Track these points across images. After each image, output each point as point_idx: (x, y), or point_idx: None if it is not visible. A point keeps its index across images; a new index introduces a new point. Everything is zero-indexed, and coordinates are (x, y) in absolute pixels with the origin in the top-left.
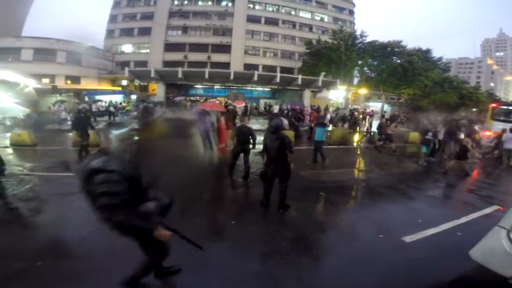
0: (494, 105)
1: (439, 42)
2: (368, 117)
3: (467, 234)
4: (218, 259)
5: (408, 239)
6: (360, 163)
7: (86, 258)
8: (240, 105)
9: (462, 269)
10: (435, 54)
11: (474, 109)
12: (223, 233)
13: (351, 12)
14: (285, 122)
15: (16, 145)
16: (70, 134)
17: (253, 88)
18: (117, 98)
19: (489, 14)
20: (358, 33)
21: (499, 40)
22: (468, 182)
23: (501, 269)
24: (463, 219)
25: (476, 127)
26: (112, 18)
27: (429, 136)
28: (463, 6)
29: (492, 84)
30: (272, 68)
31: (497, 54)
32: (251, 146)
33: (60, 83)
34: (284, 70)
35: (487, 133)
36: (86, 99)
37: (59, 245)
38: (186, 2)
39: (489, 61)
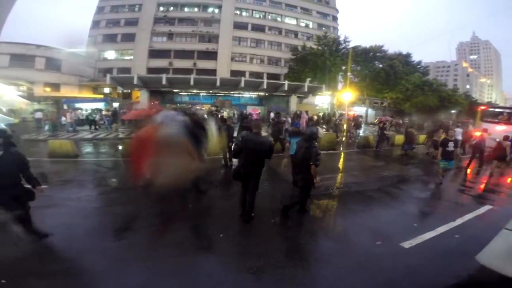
0: (483, 107)
1: (418, 46)
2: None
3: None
4: (209, 274)
5: (406, 244)
6: (350, 168)
7: (56, 275)
8: (255, 112)
9: (466, 273)
10: (414, 58)
11: (453, 111)
12: (211, 247)
13: (335, 18)
14: (321, 131)
15: None
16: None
17: (240, 95)
18: (98, 106)
19: (462, 18)
20: (341, 38)
21: (472, 44)
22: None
23: None
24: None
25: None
26: (95, 24)
27: (451, 147)
28: (438, 11)
29: (468, 86)
30: (259, 75)
31: (471, 57)
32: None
33: (39, 90)
34: (270, 76)
35: (477, 133)
36: (65, 107)
37: (28, 262)
38: (171, 8)
39: (464, 64)
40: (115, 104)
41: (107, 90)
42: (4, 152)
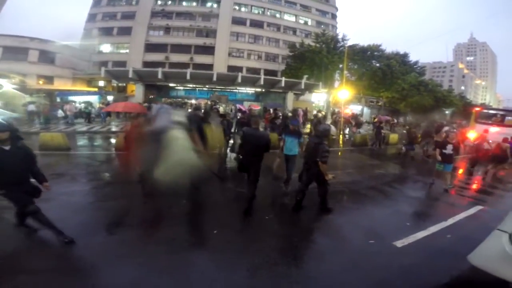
0: (477, 109)
1: (416, 46)
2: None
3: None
4: (202, 271)
5: (399, 243)
6: (345, 166)
7: (47, 271)
8: (256, 108)
9: (458, 273)
10: (411, 58)
11: (447, 112)
12: (205, 244)
13: (334, 16)
14: (333, 129)
15: None
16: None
17: (236, 91)
18: (92, 99)
19: (462, 19)
20: (340, 36)
21: (470, 45)
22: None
23: (504, 274)
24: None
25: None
26: (91, 17)
27: (449, 150)
28: (438, 12)
29: (463, 88)
30: (256, 71)
31: (468, 58)
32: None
33: (32, 83)
34: (268, 72)
35: (471, 134)
36: (58, 99)
37: (18, 258)
38: (169, 2)
39: (461, 65)
40: (110, 98)
41: (101, 83)
42: (12, 147)
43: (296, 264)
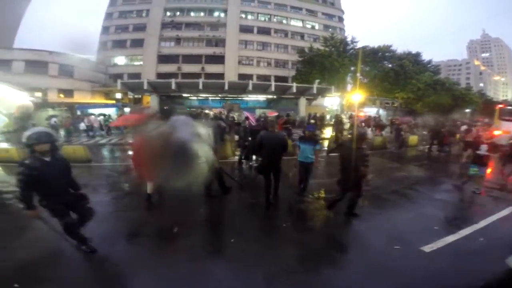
0: (501, 105)
1: (426, 46)
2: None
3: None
4: (219, 280)
5: (427, 248)
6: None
7: (67, 280)
8: (272, 115)
9: (493, 277)
10: (424, 57)
11: (467, 110)
12: (223, 252)
13: (341, 19)
14: (369, 132)
15: (3, 162)
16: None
17: (248, 98)
18: (110, 112)
19: (471, 16)
20: (348, 39)
21: (483, 41)
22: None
23: None
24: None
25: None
26: (105, 30)
27: (483, 151)
28: (446, 10)
29: (481, 85)
30: (266, 78)
31: (483, 55)
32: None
33: (53, 96)
34: (278, 79)
35: (497, 132)
36: (78, 112)
37: (40, 266)
38: (178, 13)
39: (476, 62)
40: (127, 110)
41: (118, 95)
42: (51, 158)
43: (316, 271)
